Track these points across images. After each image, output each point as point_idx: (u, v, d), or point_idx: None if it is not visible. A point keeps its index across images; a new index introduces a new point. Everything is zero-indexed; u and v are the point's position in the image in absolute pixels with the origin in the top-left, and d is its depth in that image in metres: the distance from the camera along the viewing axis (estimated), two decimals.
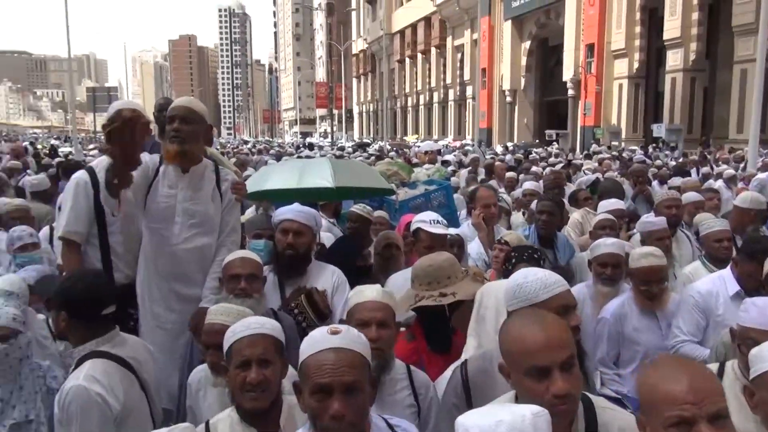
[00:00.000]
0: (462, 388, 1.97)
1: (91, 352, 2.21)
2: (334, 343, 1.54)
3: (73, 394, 2.07)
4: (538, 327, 1.50)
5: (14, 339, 2.40)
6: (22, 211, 4.74)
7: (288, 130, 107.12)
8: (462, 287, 2.47)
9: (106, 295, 2.32)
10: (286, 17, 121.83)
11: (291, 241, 3.02)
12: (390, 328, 2.12)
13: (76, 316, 2.22)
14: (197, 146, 3.01)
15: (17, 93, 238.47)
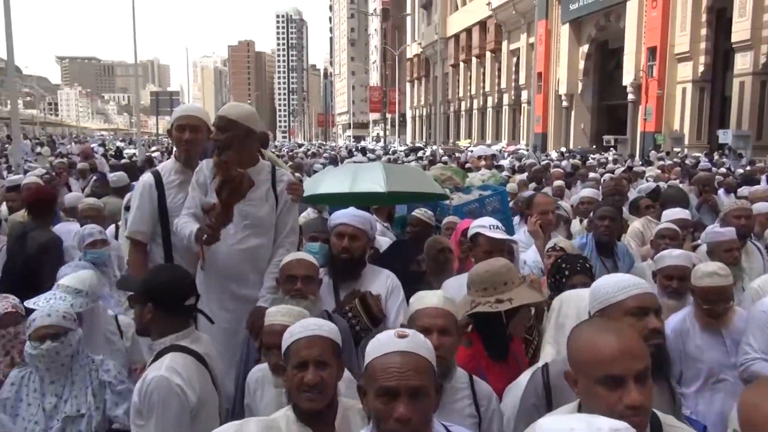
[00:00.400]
0: (543, 390, 1.94)
1: (171, 345, 2.28)
2: (401, 347, 1.54)
3: (155, 384, 2.13)
4: (613, 336, 1.47)
5: (65, 337, 2.49)
6: (94, 210, 4.97)
7: (341, 134, 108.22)
8: (519, 293, 2.43)
9: (189, 285, 2.40)
10: (341, 22, 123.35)
11: (346, 245, 3.03)
12: (451, 335, 2.10)
13: (161, 307, 2.29)
14: (239, 152, 3.01)
15: (86, 97, 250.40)
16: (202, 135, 3.17)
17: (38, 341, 2.46)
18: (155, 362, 2.23)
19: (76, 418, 2.50)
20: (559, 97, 39.24)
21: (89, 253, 3.92)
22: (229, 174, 2.75)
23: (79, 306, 2.78)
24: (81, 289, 2.83)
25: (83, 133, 78.16)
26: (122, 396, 2.60)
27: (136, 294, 2.36)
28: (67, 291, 2.80)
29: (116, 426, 2.58)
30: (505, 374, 2.37)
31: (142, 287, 2.35)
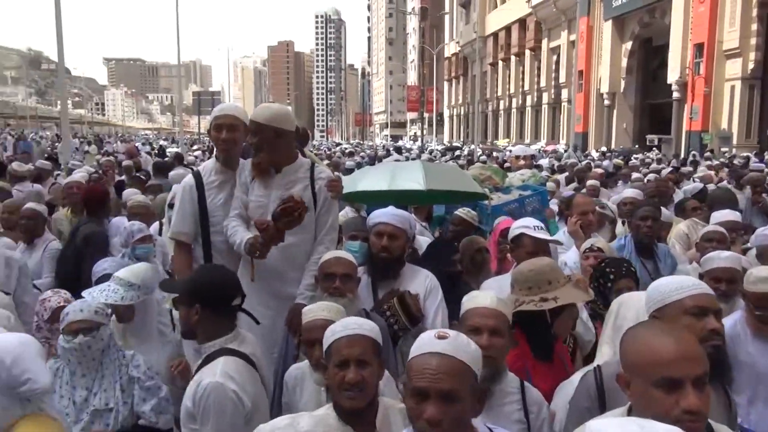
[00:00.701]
0: (596, 392, 1.92)
1: (221, 349, 2.28)
2: (438, 348, 1.53)
3: (210, 390, 2.12)
4: (671, 338, 1.44)
5: (96, 331, 2.54)
6: (142, 207, 5.12)
7: (379, 133, 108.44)
8: (564, 293, 2.39)
9: (235, 286, 2.41)
10: (379, 22, 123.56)
11: (385, 244, 3.04)
12: (503, 336, 2.08)
13: (209, 308, 2.29)
14: (271, 154, 3.06)
15: (131, 97, 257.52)
16: (240, 134, 3.19)
17: (71, 335, 2.52)
18: (207, 367, 2.22)
19: (104, 412, 2.55)
20: (601, 96, 38.40)
21: (138, 248, 4.04)
22: (290, 206, 2.84)
23: (130, 298, 2.85)
24: (134, 282, 2.89)
25: (128, 132, 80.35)
26: (150, 392, 2.64)
27: (182, 295, 2.37)
28: (120, 283, 2.87)
29: (142, 422, 2.61)
30: (550, 375, 2.35)
31: (189, 288, 2.35)
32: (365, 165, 13.75)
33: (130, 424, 2.58)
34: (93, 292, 2.85)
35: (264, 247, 2.91)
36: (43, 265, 4.43)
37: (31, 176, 7.62)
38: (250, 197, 3.13)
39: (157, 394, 2.65)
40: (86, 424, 2.51)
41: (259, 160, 3.05)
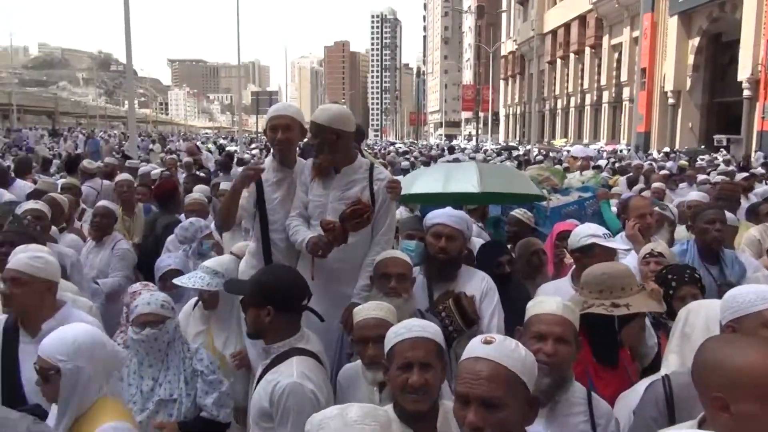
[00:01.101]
0: (664, 402, 1.85)
1: (291, 348, 2.33)
2: (482, 353, 1.51)
3: (289, 390, 2.17)
4: None
5: (163, 324, 2.63)
6: (198, 203, 5.29)
7: (433, 133, 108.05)
8: (637, 301, 2.31)
9: (303, 286, 2.45)
10: (435, 21, 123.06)
11: (443, 245, 3.02)
12: (569, 344, 2.01)
13: (282, 309, 2.33)
14: (331, 155, 3.08)
15: (193, 97, 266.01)
16: (295, 134, 3.21)
17: (139, 327, 2.62)
18: (282, 366, 2.26)
19: (168, 402, 2.63)
20: (665, 94, 36.95)
21: (205, 243, 4.19)
22: (359, 209, 2.89)
23: (214, 285, 3.00)
24: (219, 270, 3.05)
25: (190, 131, 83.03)
26: (212, 385, 2.70)
27: (253, 297, 2.39)
28: (206, 272, 3.03)
29: (204, 414, 2.68)
30: (613, 381, 2.28)
31: (261, 290, 2.37)
32: (419, 164, 13.74)
33: (192, 415, 2.66)
34: (182, 279, 3.05)
35: (327, 247, 2.94)
36: (111, 263, 4.54)
37: (101, 173, 7.97)
38: (309, 197, 3.17)
39: (219, 388, 2.72)
40: (151, 413, 2.60)
41: (320, 161, 3.09)
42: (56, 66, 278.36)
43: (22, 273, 2.59)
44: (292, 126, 3.19)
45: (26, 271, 2.59)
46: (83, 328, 2.14)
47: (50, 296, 2.71)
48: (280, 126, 3.17)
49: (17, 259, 2.64)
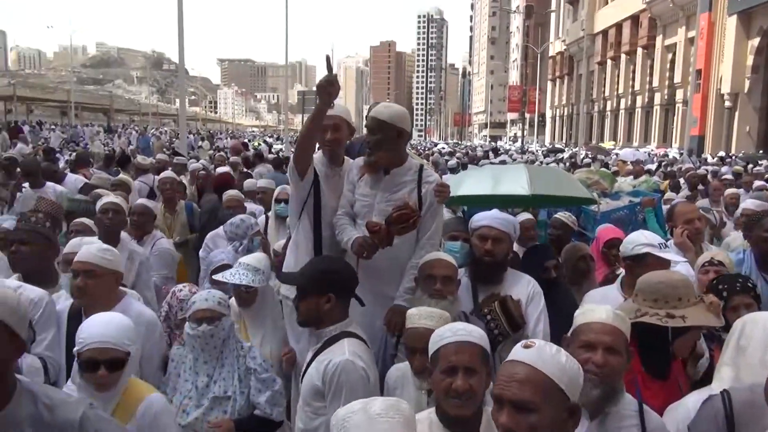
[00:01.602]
0: (725, 420, 1.78)
1: (342, 332, 2.43)
2: (520, 357, 1.51)
3: (341, 367, 2.29)
4: None
5: (219, 321, 2.66)
6: (235, 200, 5.40)
7: (477, 134, 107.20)
8: (694, 313, 2.22)
9: (354, 273, 2.59)
10: (482, 21, 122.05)
11: (489, 247, 2.98)
12: (620, 355, 1.94)
13: (342, 296, 2.46)
14: (390, 153, 3.07)
15: (241, 96, 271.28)
16: (343, 134, 3.23)
17: (196, 323, 2.66)
18: (335, 347, 2.37)
19: (223, 399, 2.66)
20: (721, 97, 35.62)
21: (256, 239, 4.27)
22: (406, 213, 2.87)
23: (257, 282, 3.06)
24: (259, 267, 3.11)
25: (237, 129, 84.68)
26: (266, 384, 2.74)
27: (313, 285, 2.45)
28: (247, 268, 3.09)
29: (257, 412, 2.71)
30: (663, 394, 2.20)
31: (322, 278, 2.46)
32: (459, 168, 13.64)
33: (246, 413, 2.70)
34: (225, 274, 3.09)
35: (372, 249, 2.94)
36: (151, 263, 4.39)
37: (154, 169, 8.22)
38: (355, 196, 3.17)
39: (272, 387, 2.76)
40: (206, 409, 2.64)
41: (376, 159, 3.05)
42: (112, 65, 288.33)
43: (94, 265, 2.69)
44: (341, 126, 3.21)
45: (98, 263, 2.69)
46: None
47: (115, 287, 2.82)
48: (330, 126, 3.18)
49: (88, 253, 2.73)
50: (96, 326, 2.17)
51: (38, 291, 2.82)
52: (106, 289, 2.74)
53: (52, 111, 52.52)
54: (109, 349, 2.11)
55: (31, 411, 1.70)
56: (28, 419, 1.69)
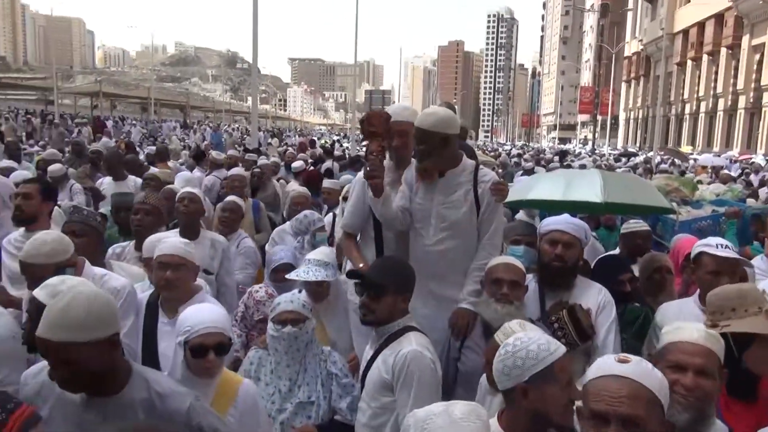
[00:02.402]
0: None
1: (405, 327, 2.47)
2: (620, 371, 1.46)
3: (411, 357, 2.32)
4: None
5: (303, 324, 2.65)
6: (302, 197, 5.48)
7: (545, 135, 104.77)
8: (743, 322, 2.09)
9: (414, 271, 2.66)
10: (554, 20, 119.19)
11: (560, 252, 2.90)
12: (712, 378, 1.83)
13: (409, 294, 2.54)
14: (438, 159, 3.05)
15: (310, 95, 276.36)
16: (410, 138, 3.23)
17: (280, 324, 2.63)
18: (403, 339, 2.42)
19: (307, 405, 2.64)
20: None
21: (318, 235, 4.34)
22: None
23: (329, 276, 3.13)
24: (328, 262, 3.18)
25: (305, 126, 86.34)
26: (346, 389, 2.73)
27: (397, 284, 2.49)
28: (318, 264, 3.15)
29: (338, 417, 2.70)
30: (747, 417, 2.07)
31: (402, 279, 2.52)
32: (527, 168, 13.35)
33: (327, 418, 2.69)
34: (299, 272, 3.15)
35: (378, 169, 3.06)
36: (237, 262, 4.39)
37: (227, 164, 8.50)
38: (414, 199, 3.16)
39: (352, 392, 2.74)
40: (290, 414, 2.63)
41: (425, 167, 3.05)
42: (189, 63, 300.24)
43: (179, 258, 2.78)
44: (408, 131, 3.22)
45: (183, 255, 2.79)
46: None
47: (194, 280, 2.90)
48: (397, 131, 3.21)
49: (172, 245, 2.82)
50: (201, 314, 2.27)
51: (122, 280, 2.94)
52: (187, 281, 2.82)
53: (133, 107, 55.28)
54: (217, 334, 2.21)
55: (145, 396, 1.81)
56: (141, 404, 1.80)
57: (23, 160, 8.53)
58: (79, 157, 8.86)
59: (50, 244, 2.69)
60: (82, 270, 2.82)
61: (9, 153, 8.39)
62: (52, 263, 2.63)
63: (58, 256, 2.67)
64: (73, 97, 48.12)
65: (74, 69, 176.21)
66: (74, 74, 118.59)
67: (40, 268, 2.59)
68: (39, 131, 23.69)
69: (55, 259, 2.66)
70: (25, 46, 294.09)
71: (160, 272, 2.78)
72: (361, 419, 2.48)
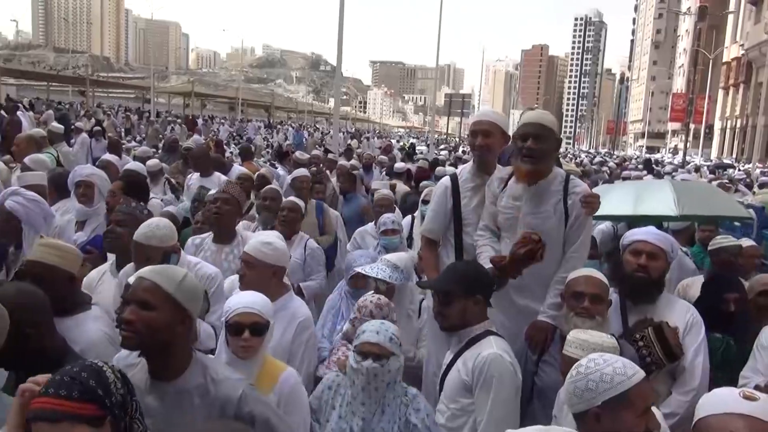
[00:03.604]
0: None
1: (485, 331, 2.49)
2: (747, 410, 1.37)
3: (491, 360, 2.35)
4: None
5: (386, 360, 2.33)
6: (387, 200, 5.54)
7: (632, 143, 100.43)
8: None
9: (491, 275, 2.70)
10: (646, 24, 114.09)
11: (643, 262, 2.79)
12: None
13: (485, 296, 2.55)
14: (549, 163, 2.98)
15: (390, 97, 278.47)
16: (494, 140, 3.17)
17: (361, 356, 2.35)
18: (483, 342, 2.43)
19: None
20: None
21: (383, 238, 4.37)
22: (532, 249, 2.79)
23: (394, 279, 3.16)
24: (399, 266, 3.21)
25: (384, 129, 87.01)
26: None
27: (465, 287, 2.50)
28: (388, 265, 3.19)
29: None
30: None
31: (473, 280, 2.54)
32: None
33: None
34: (366, 267, 3.21)
35: (501, 282, 2.87)
36: (307, 265, 4.28)
37: (310, 164, 8.73)
38: (499, 207, 3.09)
39: None
40: None
41: (535, 169, 2.92)
42: (275, 65, 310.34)
43: (251, 257, 2.89)
44: (493, 132, 3.17)
45: (255, 255, 2.88)
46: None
47: (275, 280, 2.94)
48: (480, 131, 3.17)
49: (250, 244, 2.96)
50: (241, 297, 2.43)
51: (213, 268, 3.15)
52: (262, 280, 2.85)
53: (221, 106, 57.74)
54: (253, 314, 2.31)
55: (201, 382, 1.88)
56: (197, 389, 1.87)
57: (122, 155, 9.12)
58: (173, 153, 9.36)
59: (163, 229, 2.95)
60: (178, 256, 3.05)
61: (111, 148, 8.99)
62: (162, 247, 2.91)
63: (168, 241, 2.95)
64: (168, 96, 50.85)
65: (169, 70, 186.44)
66: (169, 75, 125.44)
67: (151, 250, 2.86)
68: (136, 128, 25.25)
69: (165, 243, 2.93)
70: (127, 48, 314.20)
71: (242, 269, 2.93)
72: (439, 420, 2.48)
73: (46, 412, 1.38)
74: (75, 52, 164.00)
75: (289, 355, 2.83)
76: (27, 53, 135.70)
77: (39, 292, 2.10)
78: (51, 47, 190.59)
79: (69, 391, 1.39)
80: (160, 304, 1.82)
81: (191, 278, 1.95)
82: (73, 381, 1.41)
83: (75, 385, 1.41)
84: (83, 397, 1.40)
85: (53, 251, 2.43)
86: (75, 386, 1.40)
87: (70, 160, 7.95)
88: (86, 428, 1.39)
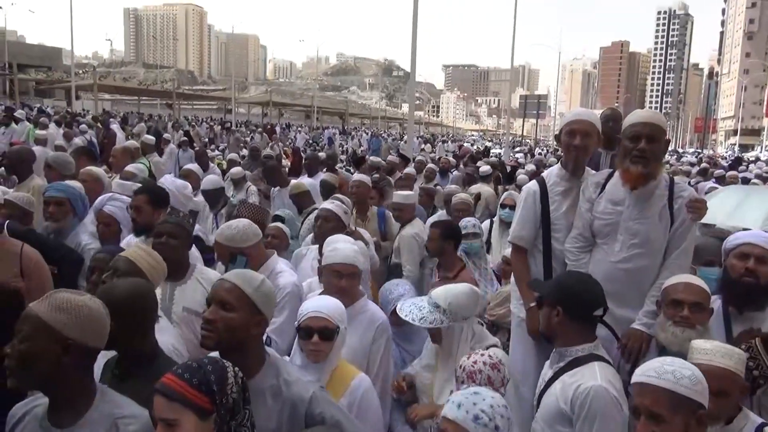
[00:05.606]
0: None
1: (590, 354, 2.32)
2: None
3: (594, 393, 2.16)
4: None
5: None
6: (465, 204, 5.47)
7: (723, 142, 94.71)
8: None
9: (597, 296, 2.39)
10: (737, 14, 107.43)
11: (751, 266, 2.61)
12: None
13: (569, 312, 2.35)
14: (659, 166, 2.83)
15: (463, 100, 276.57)
16: (592, 141, 3.05)
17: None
18: (584, 369, 2.27)
19: None
20: None
21: (464, 243, 4.34)
22: None
23: (433, 322, 2.87)
24: (440, 305, 2.95)
25: (457, 132, 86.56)
26: None
27: (549, 294, 2.44)
28: (430, 303, 2.89)
29: None
30: None
31: (554, 291, 2.42)
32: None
33: None
34: (404, 306, 2.83)
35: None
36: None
37: (384, 169, 8.80)
38: (595, 213, 2.96)
39: None
40: None
41: (647, 171, 2.78)
42: (349, 72, 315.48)
43: (352, 266, 2.81)
44: (591, 133, 3.04)
45: (357, 264, 2.85)
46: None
47: (356, 283, 2.91)
48: (579, 131, 3.02)
49: (343, 253, 2.91)
50: (314, 301, 2.45)
51: (289, 279, 3.13)
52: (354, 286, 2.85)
53: (298, 114, 59.42)
54: (323, 319, 2.32)
55: (274, 383, 1.94)
56: (270, 389, 1.93)
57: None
58: (255, 160, 9.69)
59: (232, 230, 3.08)
60: (261, 262, 3.13)
61: (198, 159, 9.34)
62: (229, 246, 3.05)
63: (235, 243, 3.06)
64: (247, 106, 52.87)
65: (248, 81, 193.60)
66: (248, 85, 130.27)
67: (221, 248, 3.08)
68: (219, 137, 26.40)
69: (232, 243, 3.05)
70: (210, 61, 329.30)
71: (335, 279, 2.81)
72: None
73: (166, 387, 1.48)
74: (162, 67, 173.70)
75: (369, 358, 2.81)
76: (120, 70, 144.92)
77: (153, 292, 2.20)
78: (141, 63, 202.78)
79: (191, 376, 1.50)
80: (239, 305, 1.91)
81: (268, 284, 2.05)
82: (198, 369, 1.52)
83: (198, 373, 1.51)
84: (200, 387, 1.49)
85: (147, 258, 2.52)
86: (197, 374, 1.50)
87: (160, 169, 8.38)
88: (193, 417, 1.47)
